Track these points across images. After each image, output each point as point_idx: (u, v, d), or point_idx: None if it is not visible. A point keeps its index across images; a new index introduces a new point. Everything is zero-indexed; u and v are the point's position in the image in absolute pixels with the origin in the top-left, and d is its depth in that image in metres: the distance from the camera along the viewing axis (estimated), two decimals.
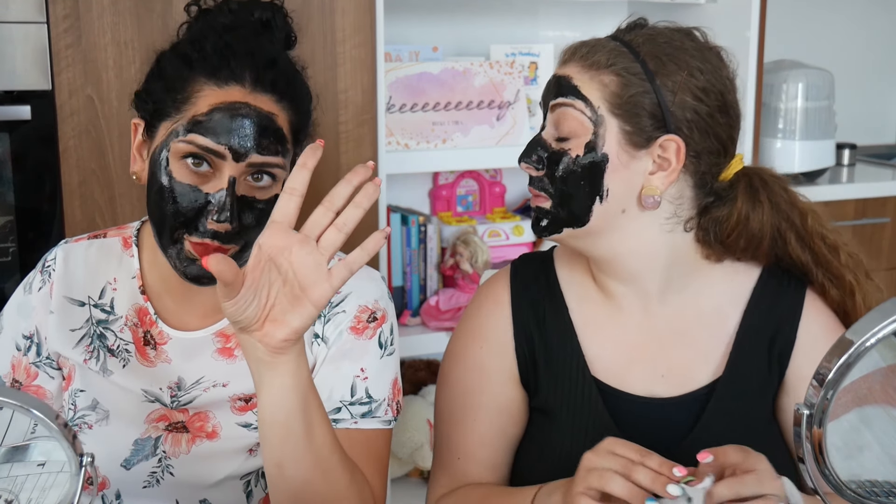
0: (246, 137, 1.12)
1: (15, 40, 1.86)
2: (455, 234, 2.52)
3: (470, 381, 1.29)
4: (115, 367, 1.25)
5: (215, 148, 1.11)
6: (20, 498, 0.91)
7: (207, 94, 1.14)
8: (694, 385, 1.23)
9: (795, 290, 1.26)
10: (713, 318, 1.25)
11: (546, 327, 1.27)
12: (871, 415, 0.89)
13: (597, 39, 1.21)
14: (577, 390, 1.24)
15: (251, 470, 1.23)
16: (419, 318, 2.45)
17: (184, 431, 1.23)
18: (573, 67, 1.19)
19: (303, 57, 1.29)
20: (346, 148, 2.11)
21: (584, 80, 1.18)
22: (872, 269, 1.34)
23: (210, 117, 1.12)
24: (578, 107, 1.17)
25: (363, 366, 1.22)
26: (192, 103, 1.14)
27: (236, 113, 1.12)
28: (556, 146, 1.19)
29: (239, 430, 1.23)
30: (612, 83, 1.16)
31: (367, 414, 1.21)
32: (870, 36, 3.39)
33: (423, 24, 2.62)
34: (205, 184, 1.12)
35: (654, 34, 1.19)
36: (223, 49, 1.16)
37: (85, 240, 1.31)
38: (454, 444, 1.29)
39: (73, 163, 1.91)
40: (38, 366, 1.27)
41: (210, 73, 1.15)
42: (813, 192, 2.80)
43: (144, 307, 1.26)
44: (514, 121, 2.46)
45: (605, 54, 1.18)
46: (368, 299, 1.24)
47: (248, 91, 1.14)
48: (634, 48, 1.17)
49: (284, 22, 1.26)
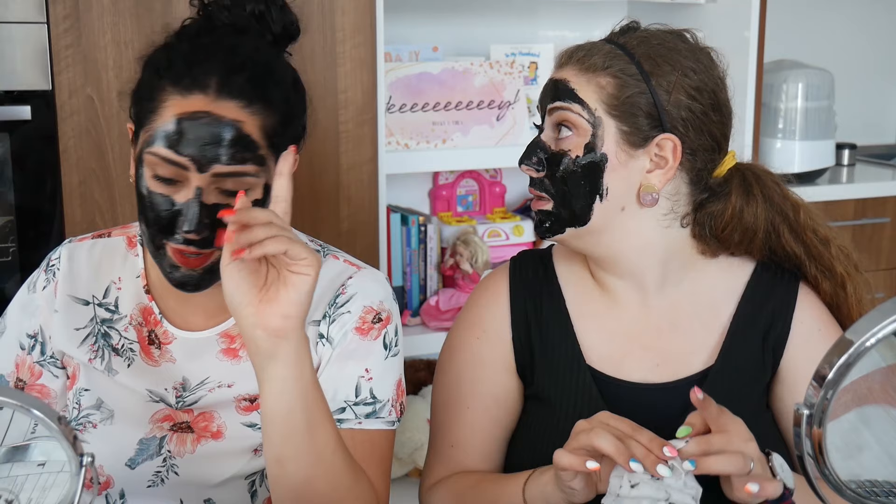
0: (206, 147, 1.09)
1: (15, 40, 1.86)
2: (455, 234, 2.52)
3: (466, 371, 1.32)
4: (119, 367, 1.25)
5: (178, 160, 1.10)
6: (20, 498, 0.91)
7: (172, 104, 1.11)
8: (687, 372, 1.26)
9: (789, 283, 1.29)
10: (708, 310, 1.28)
11: (543, 316, 1.30)
12: (870, 415, 0.89)
13: (592, 43, 1.24)
14: (572, 378, 1.26)
15: (256, 470, 1.23)
16: (419, 318, 2.45)
17: (189, 431, 1.23)
18: (570, 71, 1.22)
19: (303, 56, 1.29)
20: (346, 148, 2.11)
21: (582, 83, 1.20)
22: (872, 268, 1.37)
23: (173, 128, 1.10)
24: (576, 110, 1.19)
25: (368, 366, 1.22)
26: (159, 114, 1.12)
27: (197, 123, 1.10)
28: (556, 147, 1.21)
29: (244, 430, 1.23)
30: (609, 85, 1.19)
31: (372, 414, 1.21)
32: (870, 36, 3.39)
33: (423, 24, 2.62)
34: (176, 193, 1.11)
35: (647, 36, 1.22)
36: (188, 55, 1.14)
37: (89, 239, 1.31)
38: (448, 433, 1.32)
39: (73, 163, 1.91)
40: (43, 365, 1.27)
41: (175, 81, 1.12)
42: (813, 192, 2.80)
43: (149, 306, 1.26)
44: (514, 121, 2.46)
45: (601, 57, 1.20)
46: (374, 300, 1.25)
47: (211, 99, 1.11)
48: (629, 50, 1.20)
49: (281, 13, 1.23)
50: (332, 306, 1.23)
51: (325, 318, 1.23)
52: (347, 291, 1.24)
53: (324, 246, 1.31)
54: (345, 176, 2.12)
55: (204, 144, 1.09)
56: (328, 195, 2.10)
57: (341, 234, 2.13)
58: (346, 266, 1.27)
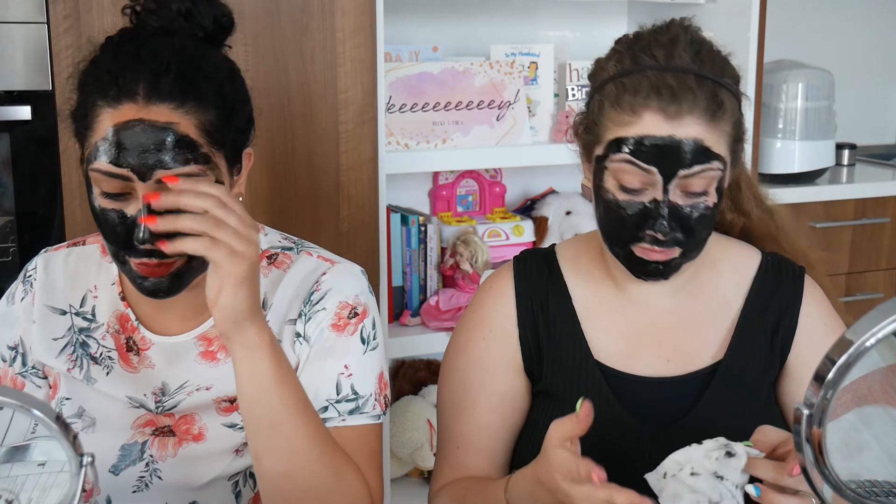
0: (145, 155, 1.06)
1: (15, 40, 1.86)
2: (455, 234, 2.52)
3: (472, 372, 1.31)
4: (98, 375, 1.25)
5: (119, 172, 1.07)
6: (20, 498, 0.91)
7: (104, 118, 1.09)
8: (697, 366, 1.27)
9: (795, 278, 1.32)
10: (718, 306, 1.30)
11: (549, 313, 1.30)
12: (870, 415, 0.89)
13: (689, 82, 1.17)
14: (581, 373, 1.27)
15: (239, 470, 1.23)
16: (419, 318, 2.45)
17: (170, 435, 1.23)
18: (696, 126, 1.16)
19: (303, 57, 1.28)
20: (346, 148, 2.11)
21: (714, 138, 1.17)
22: (872, 268, 1.40)
23: (109, 140, 1.07)
24: (716, 167, 1.17)
25: (347, 362, 1.22)
26: (94, 129, 1.10)
27: (131, 132, 1.07)
28: (688, 201, 1.18)
29: (225, 430, 1.23)
30: (731, 126, 1.19)
31: (355, 411, 1.21)
32: (870, 36, 3.39)
33: (423, 24, 2.62)
34: (127, 206, 1.09)
35: (711, 49, 1.22)
36: (112, 66, 1.11)
37: (65, 248, 1.31)
38: (454, 434, 1.32)
39: (73, 163, 1.91)
40: (25, 376, 1.27)
41: (103, 93, 1.10)
42: (813, 192, 2.81)
43: (125, 313, 1.25)
44: (514, 121, 2.46)
45: (717, 101, 1.17)
46: (349, 295, 1.24)
47: (140, 106, 1.08)
48: (727, 87, 1.19)
49: (209, 7, 1.19)
50: (307, 304, 1.23)
51: (301, 316, 1.23)
52: (322, 288, 1.23)
53: (297, 242, 1.30)
54: (345, 176, 2.12)
55: (143, 152, 1.06)
56: (328, 195, 2.10)
57: (341, 234, 2.13)
58: (320, 262, 1.26)
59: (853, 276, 2.88)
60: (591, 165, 1.24)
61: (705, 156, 1.16)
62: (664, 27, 1.24)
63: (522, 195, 2.80)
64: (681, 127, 1.15)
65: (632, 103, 1.16)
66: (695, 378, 1.27)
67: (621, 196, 1.17)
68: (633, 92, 1.17)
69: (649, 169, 1.15)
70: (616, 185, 1.18)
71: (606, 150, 1.19)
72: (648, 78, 1.16)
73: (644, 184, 1.16)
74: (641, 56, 1.19)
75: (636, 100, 1.16)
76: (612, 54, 1.24)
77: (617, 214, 1.18)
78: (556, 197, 2.68)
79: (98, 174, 1.08)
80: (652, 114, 1.15)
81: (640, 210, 1.17)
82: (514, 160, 2.47)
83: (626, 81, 1.18)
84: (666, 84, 1.15)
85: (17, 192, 1.90)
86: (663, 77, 1.16)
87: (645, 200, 1.17)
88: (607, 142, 1.18)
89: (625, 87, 1.18)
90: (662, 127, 1.15)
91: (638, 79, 1.17)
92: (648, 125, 1.15)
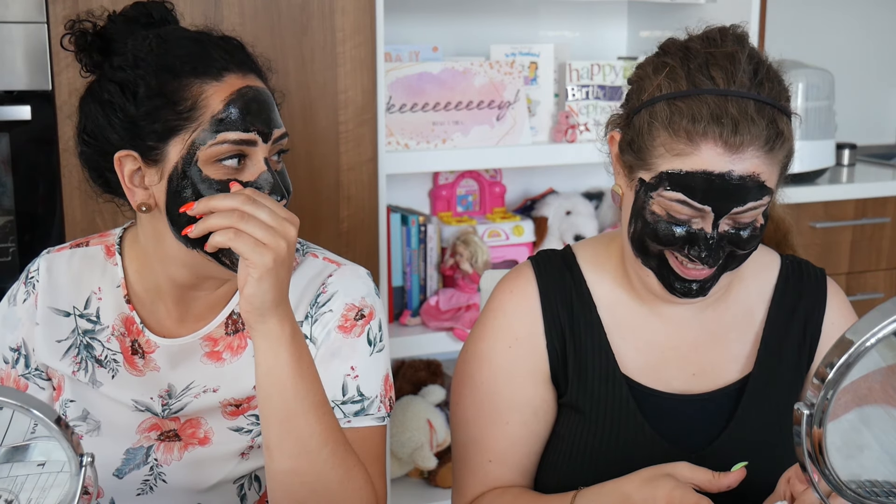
0: (265, 118, 1.14)
1: (15, 40, 1.86)
2: (455, 234, 2.52)
3: (499, 383, 1.26)
4: (104, 379, 1.24)
5: (246, 137, 1.12)
6: (20, 498, 0.91)
7: (213, 92, 1.12)
8: (724, 381, 1.24)
9: (817, 283, 1.28)
10: (742, 318, 1.27)
11: (575, 324, 1.25)
12: (871, 415, 0.89)
13: (749, 110, 1.10)
14: (608, 388, 1.23)
15: (244, 473, 1.23)
16: (419, 318, 2.45)
17: (176, 440, 1.23)
18: (754, 160, 1.10)
19: (303, 57, 1.29)
20: (346, 148, 2.11)
21: (770, 171, 1.12)
22: (872, 268, 1.38)
23: (229, 112, 1.11)
24: (767, 200, 1.13)
25: (353, 364, 1.22)
26: (203, 105, 1.11)
27: (248, 98, 1.13)
28: (736, 227, 1.14)
29: (231, 434, 1.23)
30: (784, 154, 1.14)
31: (361, 412, 1.21)
32: (870, 36, 3.39)
33: (423, 24, 2.62)
34: (240, 175, 1.13)
35: (769, 69, 1.17)
36: (192, 46, 1.14)
37: (68, 248, 1.30)
38: (485, 448, 1.27)
39: (73, 163, 1.90)
40: (28, 377, 1.26)
41: (201, 73, 1.13)
42: (813, 192, 2.81)
43: (130, 316, 1.25)
44: (514, 121, 2.46)
45: (776, 129, 1.11)
46: (355, 297, 1.24)
47: (241, 75, 1.15)
48: (781, 108, 1.13)
49: (167, 12, 1.23)
50: (314, 306, 1.23)
51: (308, 318, 1.23)
52: (328, 290, 1.23)
53: (303, 244, 1.30)
54: (345, 176, 2.12)
55: (263, 116, 1.14)
56: (328, 195, 2.10)
57: (341, 234, 2.13)
58: (326, 264, 1.27)
59: (853, 276, 2.88)
60: (631, 183, 1.17)
61: (760, 192, 1.10)
62: (716, 38, 1.17)
63: (522, 195, 2.80)
64: (740, 161, 1.08)
65: (689, 131, 1.09)
66: (724, 394, 1.23)
67: (666, 222, 1.12)
68: (691, 119, 1.09)
69: (703, 209, 1.10)
70: (664, 213, 1.13)
71: (658, 181, 1.12)
72: (707, 104, 1.09)
73: (693, 216, 1.12)
74: (698, 76, 1.11)
75: (694, 128, 1.08)
76: (660, 66, 1.15)
77: (657, 236, 1.13)
78: (555, 197, 2.69)
79: (224, 146, 1.11)
80: (710, 145, 1.08)
81: (685, 236, 1.12)
82: (514, 160, 2.47)
83: (683, 105, 1.10)
84: (727, 112, 1.08)
85: (17, 191, 1.90)
86: (724, 104, 1.08)
87: (693, 228, 1.12)
88: (659, 172, 1.11)
89: (681, 111, 1.10)
90: (721, 161, 1.08)
91: (696, 104, 1.09)
92: (706, 158, 1.08)
